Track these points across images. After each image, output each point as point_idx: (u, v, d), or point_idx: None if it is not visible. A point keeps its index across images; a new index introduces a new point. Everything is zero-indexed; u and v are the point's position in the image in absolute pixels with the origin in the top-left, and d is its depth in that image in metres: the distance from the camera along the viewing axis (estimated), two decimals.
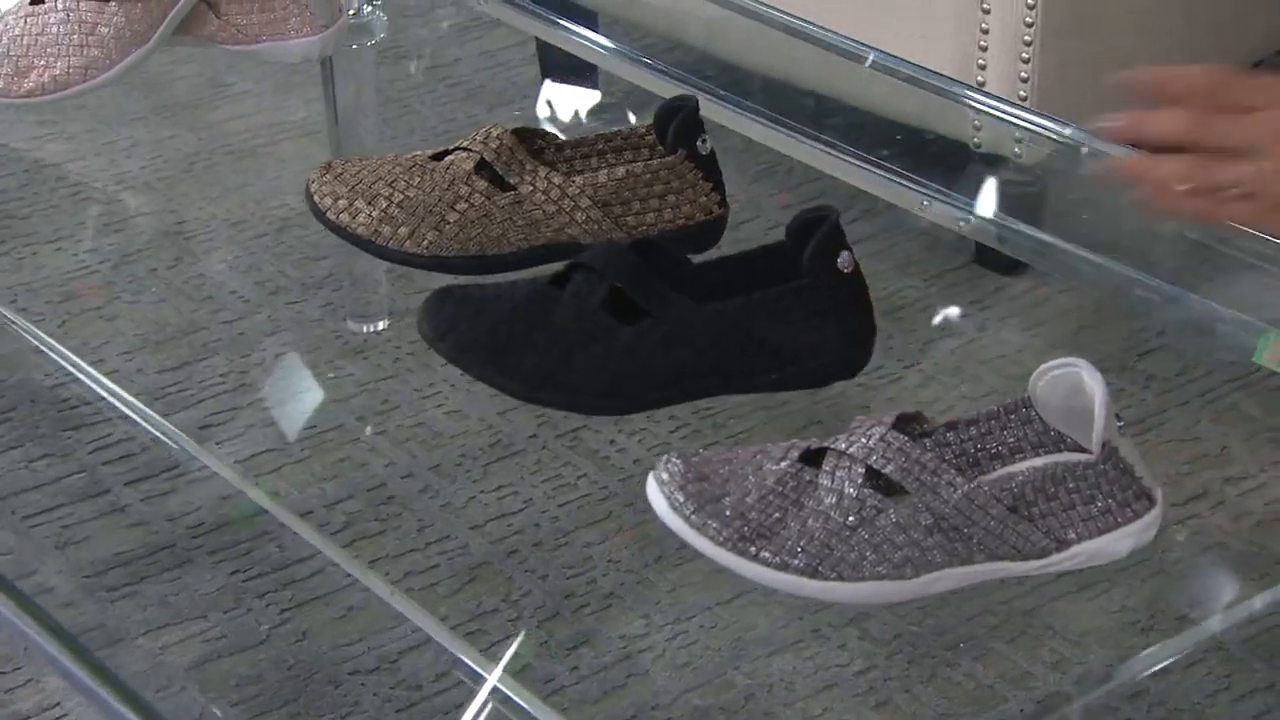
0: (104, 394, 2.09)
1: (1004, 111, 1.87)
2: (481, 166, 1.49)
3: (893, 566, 1.15)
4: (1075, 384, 1.19)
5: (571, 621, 1.82)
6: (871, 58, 1.85)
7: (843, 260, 1.34)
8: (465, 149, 1.49)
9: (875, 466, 1.17)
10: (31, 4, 1.65)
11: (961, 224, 1.75)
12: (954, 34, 2.20)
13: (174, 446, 1.97)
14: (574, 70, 2.67)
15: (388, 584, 1.42)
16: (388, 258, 1.47)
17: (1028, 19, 2.16)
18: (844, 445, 1.18)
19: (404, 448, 2.04)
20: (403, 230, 1.46)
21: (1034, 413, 1.22)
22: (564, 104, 2.71)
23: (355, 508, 1.95)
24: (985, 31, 2.19)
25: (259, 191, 2.50)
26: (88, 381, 2.10)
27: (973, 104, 1.88)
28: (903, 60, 1.86)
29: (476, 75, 2.78)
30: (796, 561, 1.14)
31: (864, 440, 1.17)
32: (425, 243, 1.45)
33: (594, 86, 2.70)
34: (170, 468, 2.00)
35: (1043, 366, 1.20)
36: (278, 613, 1.83)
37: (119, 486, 1.98)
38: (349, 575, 1.86)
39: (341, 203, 1.46)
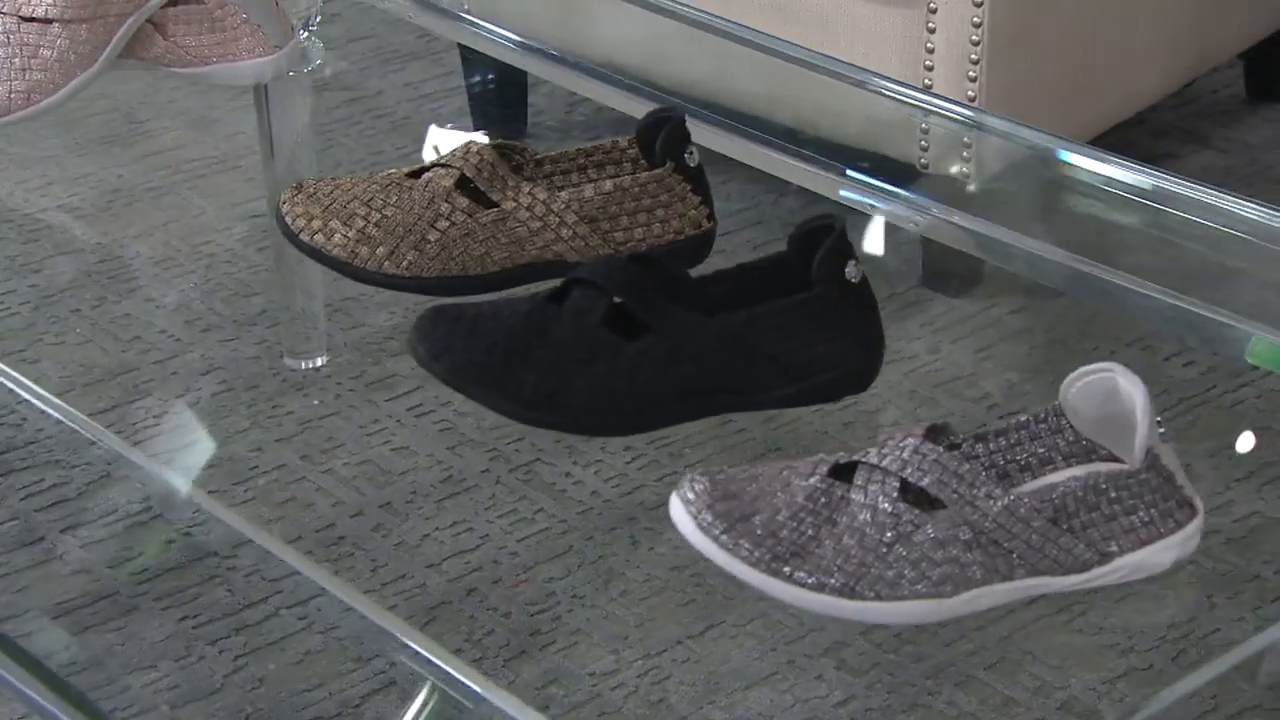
0: (33, 438, 2.03)
1: (951, 111, 1.84)
2: (462, 183, 1.43)
3: (932, 584, 1.09)
4: (1110, 390, 1.14)
5: (539, 660, 1.76)
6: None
7: (850, 270, 1.29)
8: (444, 165, 1.43)
9: (910, 479, 1.12)
10: None
11: (913, 225, 1.73)
12: (898, 54, 2.17)
13: (112, 489, 1.91)
14: (502, 99, 2.62)
15: (376, 603, 1.35)
16: (366, 280, 1.40)
17: (974, 37, 2.13)
18: (876, 458, 1.12)
19: (352, 485, 1.97)
20: (381, 250, 1.39)
21: (1065, 421, 1.17)
22: (495, 133, 2.65)
23: (305, 548, 1.88)
24: (930, 51, 2.16)
25: (182, 228, 2.42)
26: (14, 426, 2.04)
27: (919, 103, 1.86)
28: (851, 65, 1.84)
29: (401, 107, 2.73)
30: (833, 581, 1.09)
31: (897, 453, 1.12)
32: (405, 263, 1.39)
33: (523, 114, 2.65)
34: (109, 512, 1.92)
35: (1076, 372, 1.15)
36: (231, 659, 1.75)
37: (55, 534, 1.90)
38: (303, 619, 1.80)
39: (315, 223, 1.40)
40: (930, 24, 2.15)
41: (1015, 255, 1.67)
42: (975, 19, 2.12)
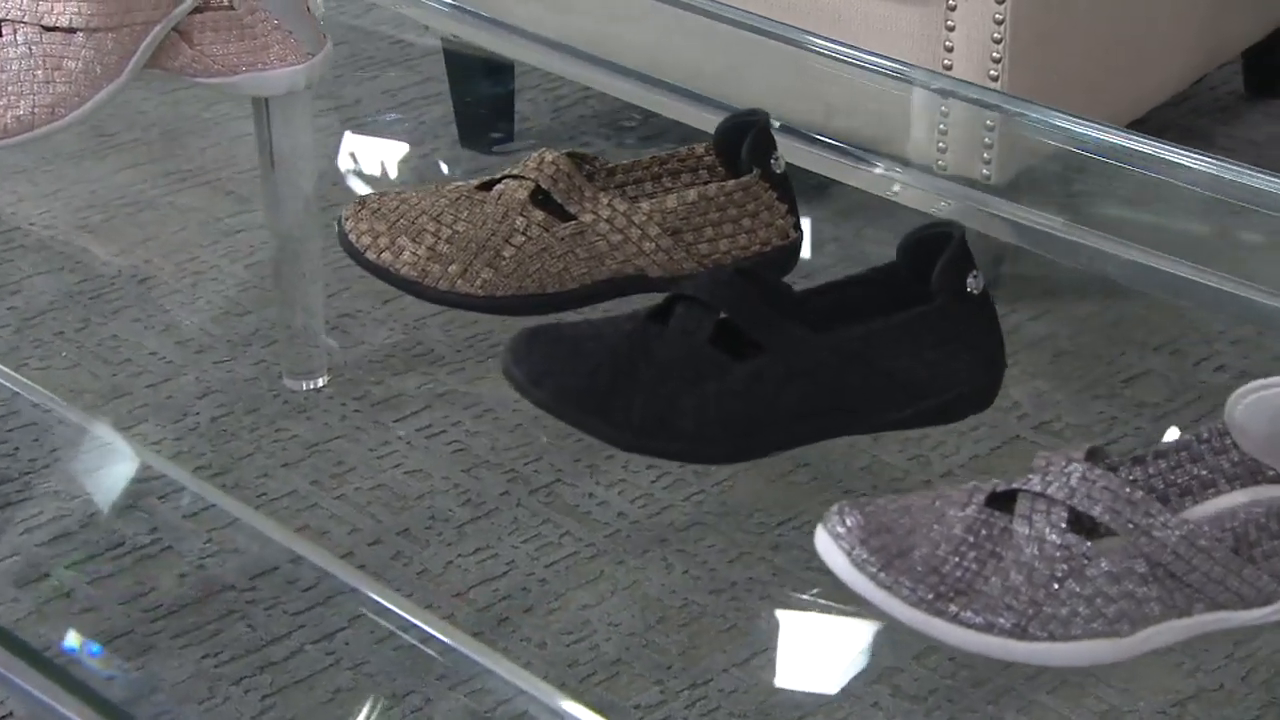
0: (28, 469, 1.93)
1: (972, 97, 1.78)
2: (537, 195, 1.34)
3: (1107, 622, 1.02)
4: None
5: (580, 693, 1.67)
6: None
7: (972, 281, 1.21)
8: (517, 176, 1.35)
9: (1079, 508, 1.04)
10: None
11: (942, 205, 1.66)
12: (915, 53, 2.10)
13: (118, 521, 1.81)
14: (491, 104, 2.54)
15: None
16: (437, 300, 1.31)
17: (995, 35, 2.07)
18: (1039, 485, 1.04)
19: (367, 512, 1.88)
20: (454, 268, 1.30)
21: (1229, 440, 1.09)
22: (485, 141, 2.57)
23: (323, 579, 1.79)
24: (950, 49, 2.09)
25: (163, 245, 2.32)
26: (7, 455, 1.94)
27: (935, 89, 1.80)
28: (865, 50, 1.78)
29: (381, 116, 2.63)
30: (1003, 621, 1.01)
31: (1063, 479, 1.04)
32: (479, 281, 1.30)
33: (510, 120, 2.57)
34: (116, 545, 1.82)
35: (1244, 387, 1.08)
36: (258, 700, 1.66)
37: (59, 569, 1.80)
38: (330, 654, 1.71)
39: (382, 240, 1.31)
40: (950, 22, 2.08)
41: (1054, 243, 1.61)
42: (998, 15, 2.05)
